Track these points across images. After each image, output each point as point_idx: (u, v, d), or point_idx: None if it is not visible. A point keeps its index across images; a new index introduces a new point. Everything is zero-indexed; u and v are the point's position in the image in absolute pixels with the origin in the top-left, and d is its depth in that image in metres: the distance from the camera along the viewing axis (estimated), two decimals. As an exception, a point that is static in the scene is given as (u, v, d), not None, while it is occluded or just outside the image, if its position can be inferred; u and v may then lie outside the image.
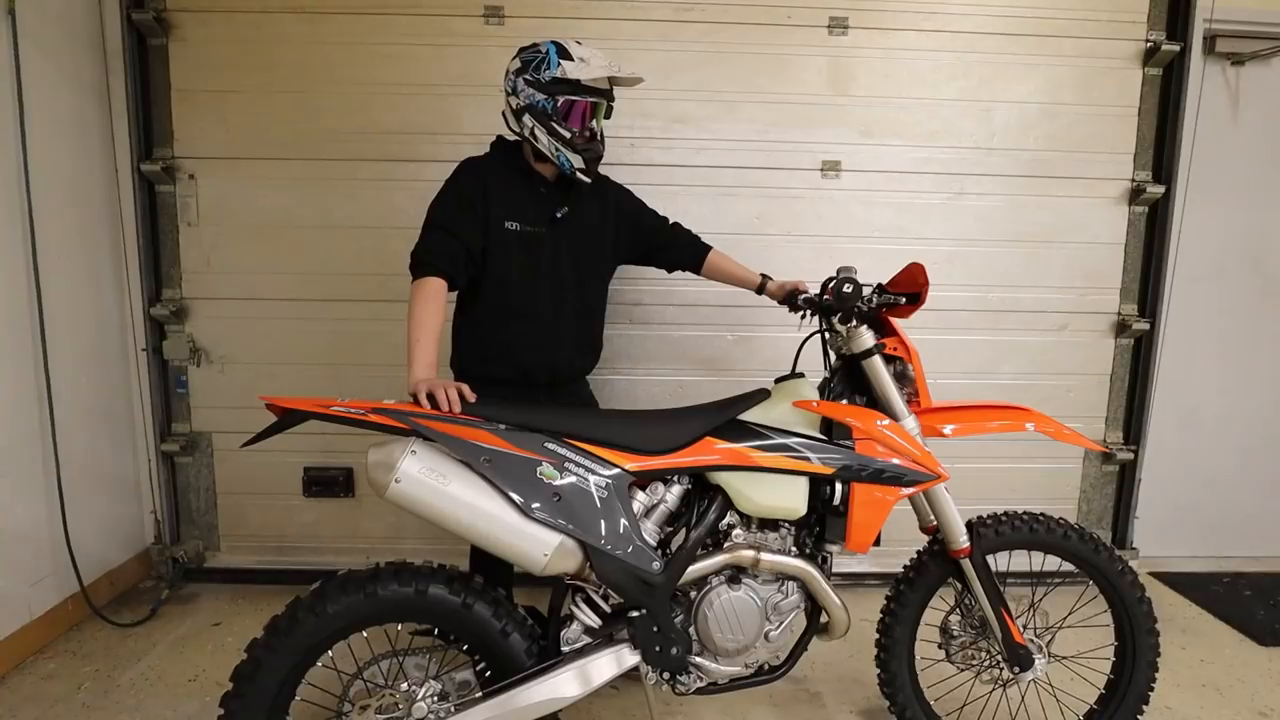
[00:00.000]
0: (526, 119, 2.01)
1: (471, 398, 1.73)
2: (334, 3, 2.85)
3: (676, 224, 2.40)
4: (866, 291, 1.82)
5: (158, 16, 2.81)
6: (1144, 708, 2.02)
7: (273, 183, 2.94)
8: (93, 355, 2.87)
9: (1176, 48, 2.98)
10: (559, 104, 1.97)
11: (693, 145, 2.98)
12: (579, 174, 2.03)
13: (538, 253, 2.08)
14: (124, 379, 3.03)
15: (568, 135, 1.98)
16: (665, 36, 2.92)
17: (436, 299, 1.91)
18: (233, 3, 2.85)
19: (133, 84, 2.84)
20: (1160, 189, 3.05)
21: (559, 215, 2.09)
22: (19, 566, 2.52)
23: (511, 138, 2.15)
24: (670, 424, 1.76)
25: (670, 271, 2.46)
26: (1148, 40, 3.02)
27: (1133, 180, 3.10)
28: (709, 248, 2.38)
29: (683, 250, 2.37)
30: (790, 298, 2.16)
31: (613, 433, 1.72)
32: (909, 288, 1.81)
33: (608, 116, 2.10)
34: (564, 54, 1.97)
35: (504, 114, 2.10)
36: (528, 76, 1.99)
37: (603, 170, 2.32)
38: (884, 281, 1.88)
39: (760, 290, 2.31)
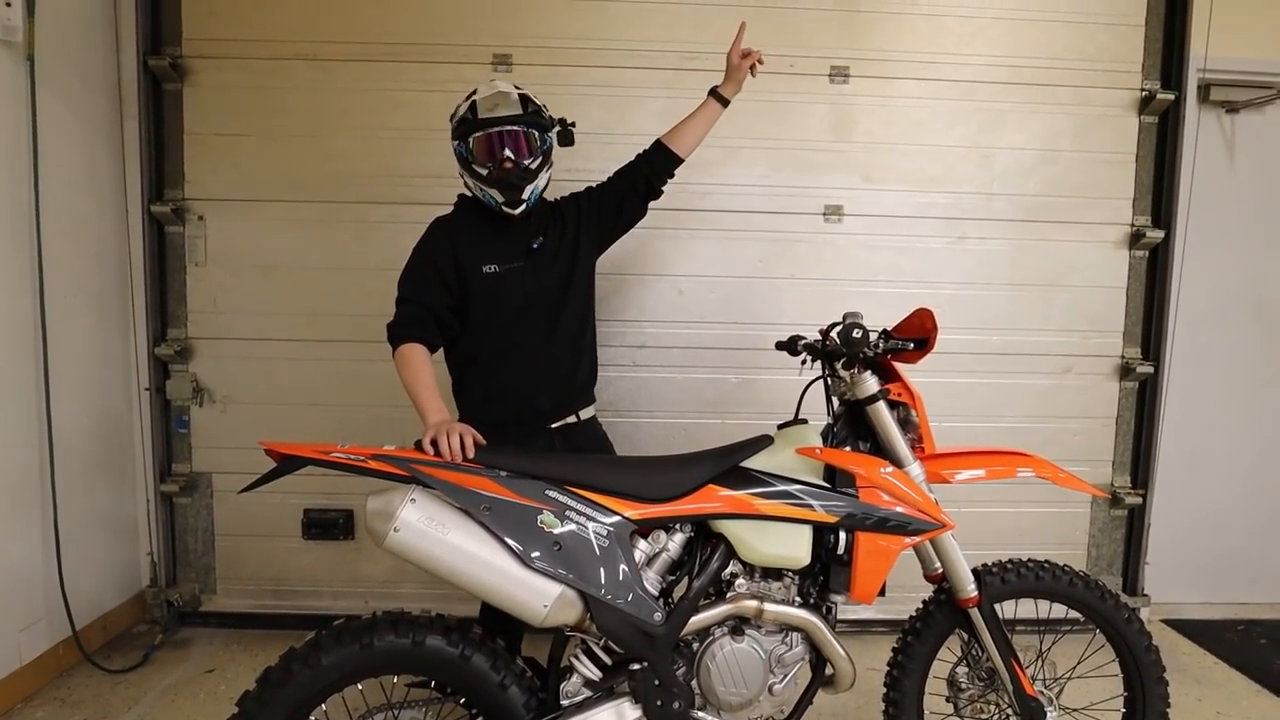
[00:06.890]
0: (459, 171, 2.07)
1: (483, 441, 1.72)
2: (347, 51, 2.92)
3: (621, 167, 2.27)
4: (873, 337, 1.81)
5: (173, 63, 2.88)
6: (1157, 760, 1.97)
7: (281, 224, 2.98)
8: (95, 394, 2.87)
9: (1171, 96, 3.03)
10: (469, 145, 1.99)
11: (697, 189, 3.01)
12: (504, 208, 2.02)
13: (521, 285, 2.08)
14: (126, 418, 3.03)
15: (484, 173, 1.99)
16: (669, 84, 2.97)
17: (419, 357, 1.97)
18: (247, 50, 2.91)
19: (146, 127, 2.89)
20: (1160, 234, 3.07)
21: (535, 246, 2.09)
22: (11, 610, 2.49)
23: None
24: (672, 471, 1.74)
25: (657, 195, 2.25)
26: (1143, 89, 3.07)
27: (1132, 225, 3.12)
28: (658, 139, 2.24)
29: (640, 165, 2.22)
30: (790, 344, 2.14)
31: (615, 480, 1.70)
32: (917, 333, 1.80)
33: (563, 143, 2.08)
34: (469, 97, 2.02)
35: None
36: (451, 130, 2.04)
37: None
38: (889, 326, 1.88)
39: (720, 98, 2.21)
